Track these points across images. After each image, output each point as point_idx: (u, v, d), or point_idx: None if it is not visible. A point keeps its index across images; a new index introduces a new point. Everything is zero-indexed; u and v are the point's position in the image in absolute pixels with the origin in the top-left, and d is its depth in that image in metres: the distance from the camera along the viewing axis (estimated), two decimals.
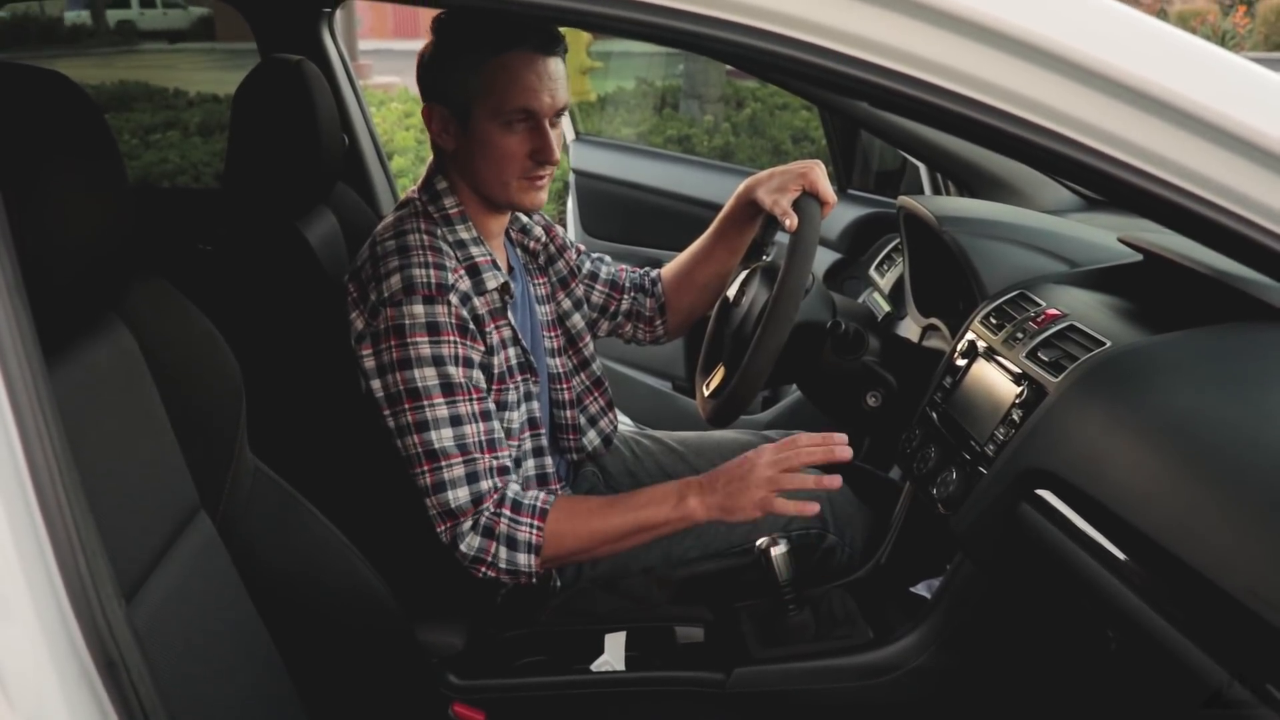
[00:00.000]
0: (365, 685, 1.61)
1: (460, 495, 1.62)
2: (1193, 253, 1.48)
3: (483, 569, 1.65)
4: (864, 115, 2.43)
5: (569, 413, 1.93)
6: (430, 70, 1.70)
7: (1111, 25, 0.93)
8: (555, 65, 1.67)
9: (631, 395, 3.34)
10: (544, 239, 1.96)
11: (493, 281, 1.71)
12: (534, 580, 1.68)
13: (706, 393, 1.92)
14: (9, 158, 1.02)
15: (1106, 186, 0.97)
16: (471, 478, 1.63)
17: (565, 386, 1.93)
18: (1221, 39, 13.21)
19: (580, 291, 2.01)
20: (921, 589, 1.78)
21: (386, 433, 1.66)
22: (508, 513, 1.64)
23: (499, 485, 1.65)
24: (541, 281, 1.95)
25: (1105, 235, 1.87)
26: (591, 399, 1.98)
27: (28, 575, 0.79)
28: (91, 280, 1.15)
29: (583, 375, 1.98)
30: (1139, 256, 1.67)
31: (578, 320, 1.98)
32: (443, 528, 1.64)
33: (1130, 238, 1.69)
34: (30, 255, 0.96)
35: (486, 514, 1.63)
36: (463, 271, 1.68)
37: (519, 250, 1.91)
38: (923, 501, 1.67)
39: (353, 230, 2.16)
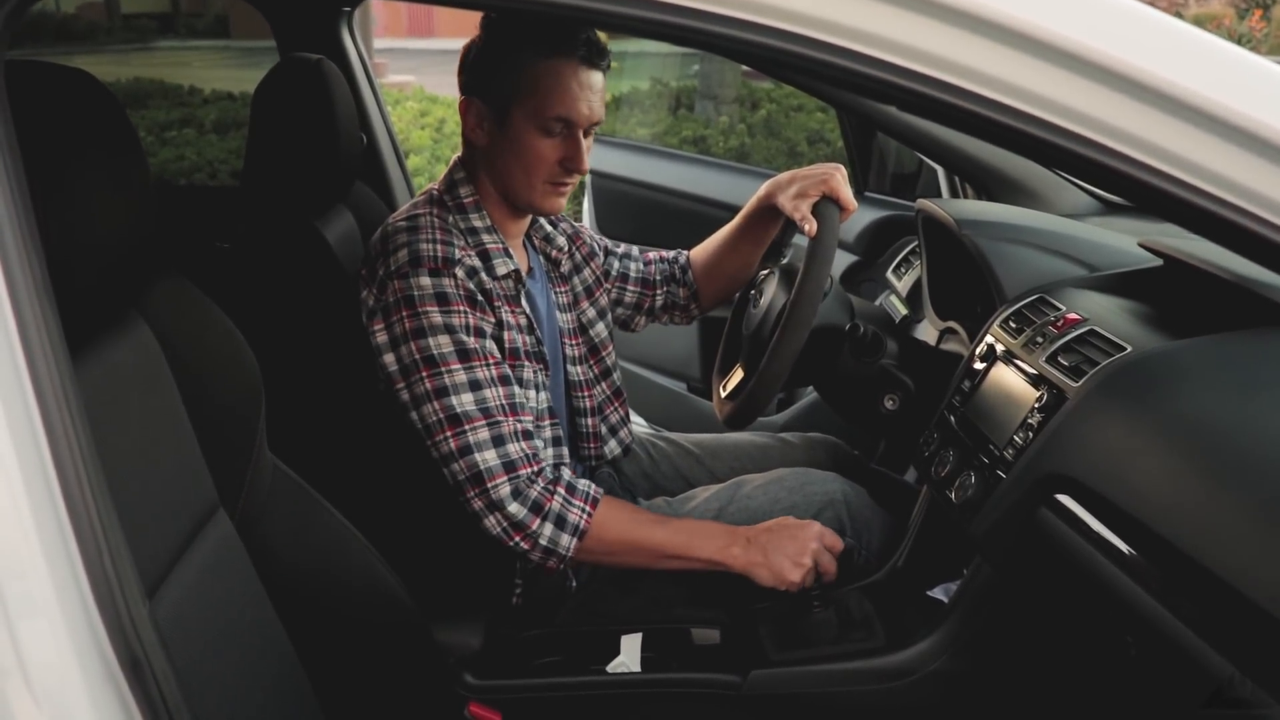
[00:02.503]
0: (382, 684, 1.62)
1: (489, 458, 1.62)
2: (1214, 257, 1.47)
3: (518, 538, 1.64)
4: (881, 117, 2.43)
5: (590, 420, 1.94)
6: (475, 65, 1.72)
7: (1131, 25, 0.93)
8: (598, 79, 1.68)
9: (647, 397, 3.33)
10: (567, 248, 1.96)
11: (503, 268, 1.72)
12: (561, 566, 1.68)
13: (723, 394, 1.92)
14: (34, 156, 1.02)
15: (1127, 189, 0.96)
16: (498, 440, 1.63)
17: (586, 394, 1.93)
18: (1237, 43, 13.15)
19: (607, 299, 2.02)
20: (939, 593, 1.78)
21: (402, 410, 1.66)
22: (562, 492, 1.65)
23: (528, 452, 1.65)
24: (563, 290, 1.95)
25: (1125, 239, 1.86)
26: (612, 409, 1.98)
27: (53, 573, 0.79)
28: (115, 278, 1.16)
29: (604, 385, 1.98)
30: (1159, 261, 1.66)
31: (601, 329, 1.99)
32: (473, 492, 1.63)
33: (1150, 242, 1.68)
34: (55, 253, 0.96)
35: (537, 489, 1.64)
36: (472, 252, 1.69)
37: (541, 257, 1.92)
38: (940, 505, 1.66)
39: (370, 229, 2.15)
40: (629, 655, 1.70)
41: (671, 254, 2.16)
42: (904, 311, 2.41)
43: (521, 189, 1.72)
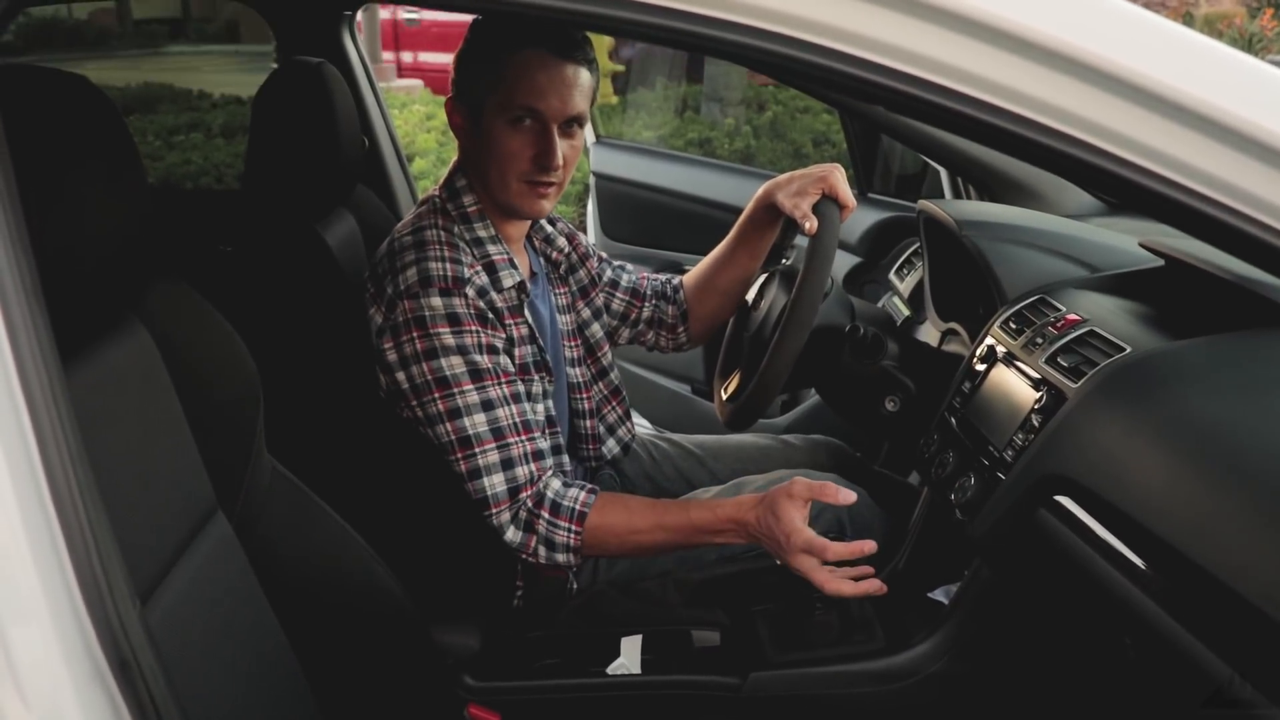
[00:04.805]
0: (381, 686, 1.62)
1: (495, 483, 1.64)
2: (1214, 258, 1.47)
3: (524, 555, 1.68)
4: (884, 119, 2.42)
5: (589, 421, 1.93)
6: (458, 67, 1.71)
7: (1131, 29, 0.93)
8: (572, 71, 1.65)
9: (650, 398, 3.33)
10: (566, 249, 1.95)
11: (509, 280, 1.71)
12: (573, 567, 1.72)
13: (725, 396, 1.92)
14: (29, 160, 1.02)
15: (1126, 192, 0.96)
16: (507, 464, 1.64)
17: (585, 395, 1.92)
18: (1249, 42, 13.08)
19: (600, 300, 2.01)
20: (939, 594, 1.78)
21: (410, 426, 1.67)
22: (546, 515, 1.66)
23: (535, 474, 1.66)
24: (562, 291, 1.94)
25: (1126, 240, 1.86)
26: (610, 408, 1.98)
27: (43, 576, 0.79)
28: (110, 281, 1.16)
29: (601, 385, 1.97)
30: (1160, 261, 1.66)
31: (596, 330, 1.98)
32: (486, 513, 1.66)
33: (1151, 242, 1.67)
34: (49, 257, 0.96)
35: (525, 509, 1.66)
36: (479, 268, 1.68)
37: (542, 259, 1.91)
38: (941, 507, 1.66)
39: (372, 232, 2.17)
40: (629, 657, 1.70)
41: (666, 275, 2.14)
42: (906, 313, 2.41)
43: (498, 188, 1.70)
